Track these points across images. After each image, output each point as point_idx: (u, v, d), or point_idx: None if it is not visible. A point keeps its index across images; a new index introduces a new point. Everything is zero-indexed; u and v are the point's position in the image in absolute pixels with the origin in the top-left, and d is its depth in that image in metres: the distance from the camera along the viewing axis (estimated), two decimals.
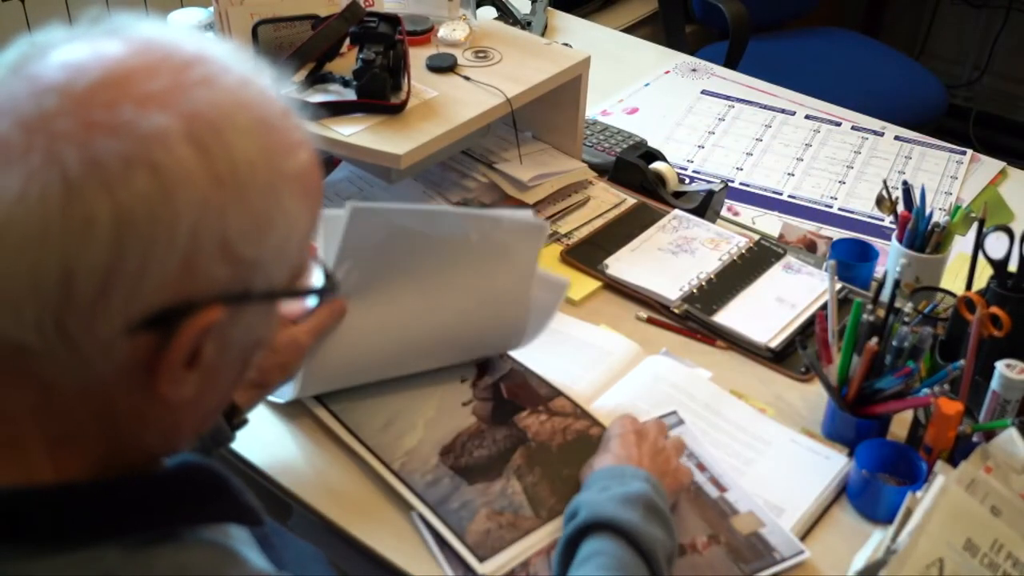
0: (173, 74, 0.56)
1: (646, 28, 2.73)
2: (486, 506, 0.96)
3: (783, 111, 1.81)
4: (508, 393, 1.10)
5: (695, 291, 1.27)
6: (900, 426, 1.08)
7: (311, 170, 0.61)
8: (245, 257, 0.57)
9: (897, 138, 1.73)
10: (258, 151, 0.57)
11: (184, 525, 0.62)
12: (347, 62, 1.31)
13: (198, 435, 0.68)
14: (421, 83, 1.31)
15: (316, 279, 0.67)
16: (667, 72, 1.94)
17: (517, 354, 1.15)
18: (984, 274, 1.10)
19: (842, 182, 1.62)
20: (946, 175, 1.63)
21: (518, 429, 1.05)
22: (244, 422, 0.98)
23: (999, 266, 1.08)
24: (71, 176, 0.51)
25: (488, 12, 1.88)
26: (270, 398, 1.09)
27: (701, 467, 1.03)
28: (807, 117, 1.79)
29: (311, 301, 0.68)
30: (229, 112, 0.56)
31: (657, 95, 1.86)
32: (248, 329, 0.61)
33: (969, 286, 1.12)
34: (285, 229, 0.59)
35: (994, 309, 1.02)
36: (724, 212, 1.51)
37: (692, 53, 2.13)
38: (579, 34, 2.02)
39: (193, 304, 0.55)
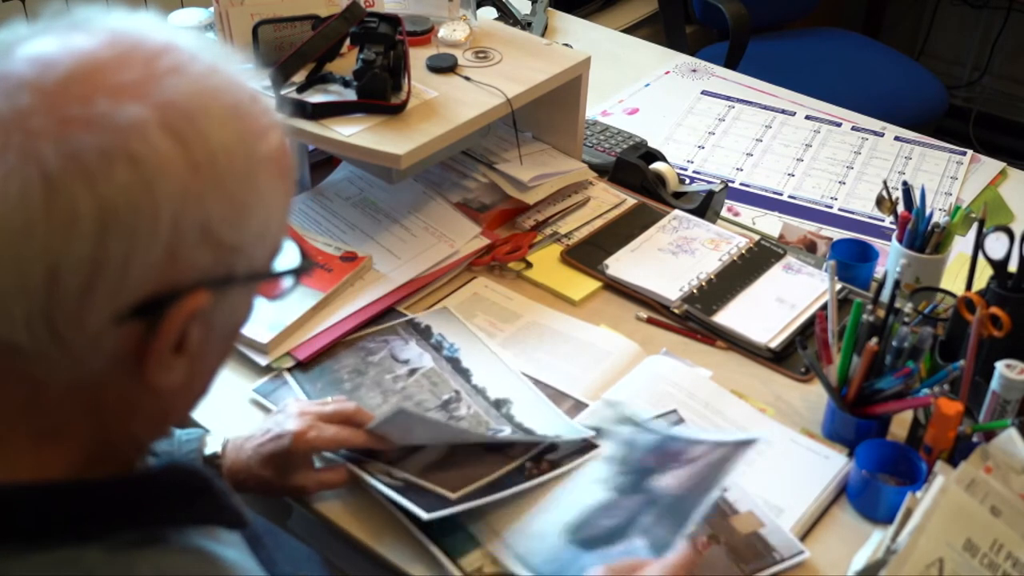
0: (144, 64, 0.56)
1: (646, 28, 2.73)
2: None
3: (783, 111, 1.81)
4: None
5: (695, 291, 1.27)
6: (900, 426, 1.08)
7: (283, 152, 0.62)
8: (227, 242, 0.57)
9: (897, 138, 1.73)
10: (233, 137, 0.57)
11: (168, 527, 0.62)
12: (347, 62, 1.31)
13: (183, 420, 0.68)
14: (421, 83, 1.31)
15: (292, 258, 0.66)
16: (667, 72, 1.94)
17: (525, 364, 1.15)
18: (984, 274, 1.10)
19: (842, 182, 1.62)
20: (946, 175, 1.63)
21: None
22: None
23: (999, 266, 1.08)
24: (50, 172, 0.52)
25: (488, 12, 1.88)
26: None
27: None
28: (807, 117, 1.79)
29: (288, 281, 0.68)
30: (202, 100, 0.56)
31: (657, 95, 1.86)
32: (232, 311, 0.62)
33: (969, 286, 1.12)
34: (263, 212, 0.59)
35: (994, 309, 1.02)
36: (724, 212, 1.51)
37: (692, 53, 2.13)
38: (579, 34, 2.02)
39: (178, 291, 0.56)
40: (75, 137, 0.52)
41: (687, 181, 1.58)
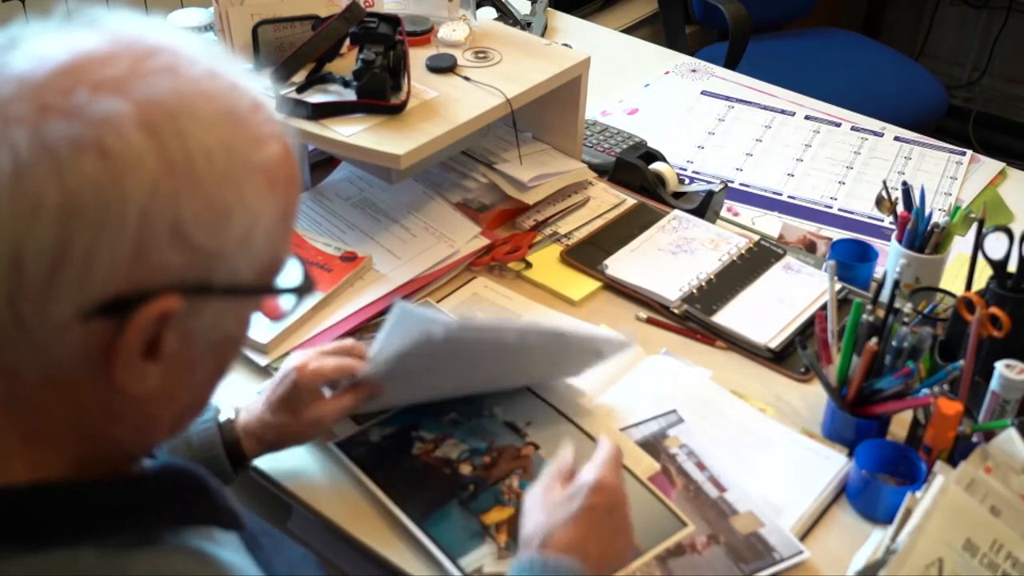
0: (133, 61, 0.56)
1: (646, 28, 2.73)
2: None
3: (783, 111, 1.81)
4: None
5: (695, 291, 1.27)
6: (900, 426, 1.08)
7: (281, 163, 0.61)
8: (201, 246, 0.56)
9: (897, 139, 1.73)
10: (218, 141, 0.56)
11: (163, 528, 0.62)
12: (347, 62, 1.31)
13: (176, 433, 0.67)
14: (421, 83, 1.31)
15: (293, 276, 0.65)
16: (667, 73, 1.94)
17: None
18: (983, 274, 1.10)
19: (842, 183, 1.62)
20: (946, 175, 1.63)
21: None
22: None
23: (998, 266, 1.08)
24: (21, 159, 0.52)
25: (488, 12, 1.88)
26: None
27: (701, 466, 1.03)
28: (807, 117, 1.79)
29: (287, 301, 0.67)
30: (190, 101, 0.56)
31: (657, 96, 1.86)
32: (215, 323, 0.60)
33: (969, 286, 1.12)
34: (247, 221, 0.58)
35: (994, 309, 1.02)
36: (724, 212, 1.51)
37: (692, 54, 2.14)
38: (579, 35, 2.03)
39: (147, 292, 0.55)
40: (49, 126, 0.52)
41: (687, 181, 1.58)
